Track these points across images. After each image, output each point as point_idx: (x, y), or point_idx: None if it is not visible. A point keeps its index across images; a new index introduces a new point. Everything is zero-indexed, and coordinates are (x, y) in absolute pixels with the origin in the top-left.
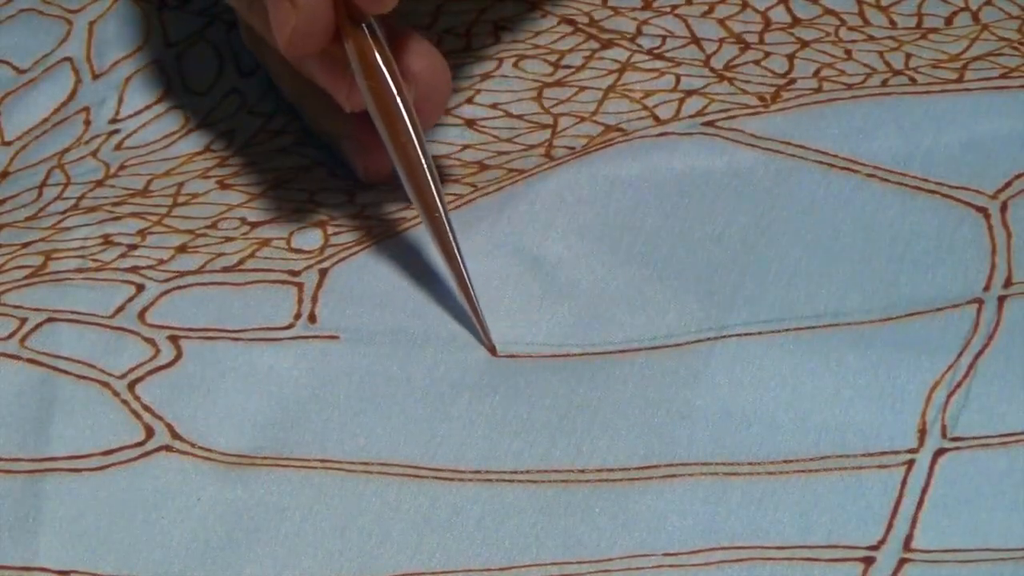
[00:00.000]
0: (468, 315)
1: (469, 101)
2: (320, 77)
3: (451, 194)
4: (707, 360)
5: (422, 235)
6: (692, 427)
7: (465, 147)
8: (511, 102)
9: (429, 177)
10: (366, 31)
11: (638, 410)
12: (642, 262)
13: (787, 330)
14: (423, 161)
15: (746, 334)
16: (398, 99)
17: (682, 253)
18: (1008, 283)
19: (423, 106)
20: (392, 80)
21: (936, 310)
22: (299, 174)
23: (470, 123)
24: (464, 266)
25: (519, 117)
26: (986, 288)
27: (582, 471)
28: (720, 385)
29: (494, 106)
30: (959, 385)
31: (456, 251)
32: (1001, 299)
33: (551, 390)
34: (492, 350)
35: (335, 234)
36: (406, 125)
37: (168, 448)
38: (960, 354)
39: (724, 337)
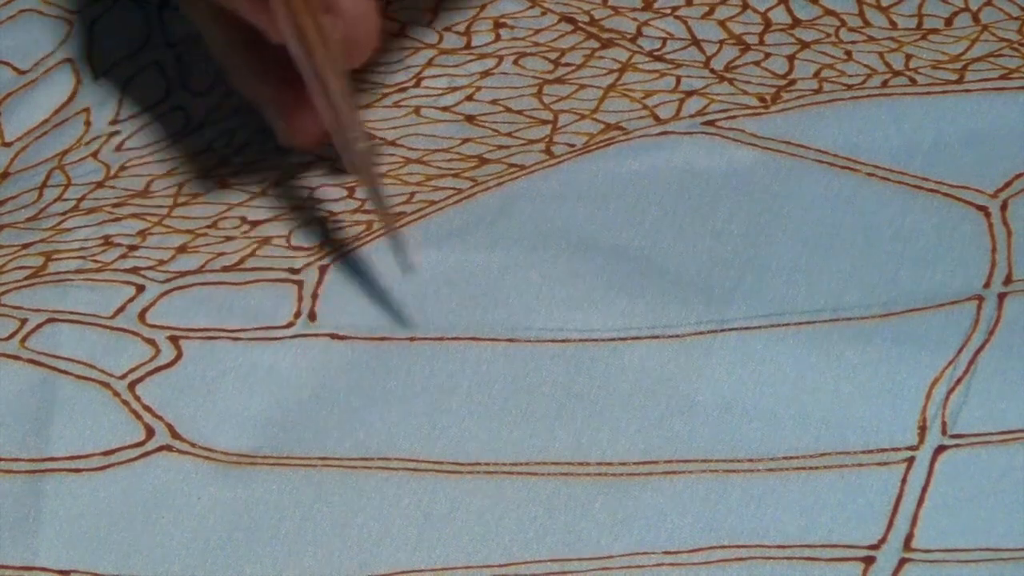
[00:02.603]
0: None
1: (469, 98)
2: (246, 10)
3: (451, 188)
4: (707, 353)
5: (421, 227)
6: (692, 422)
7: (465, 141)
8: (511, 98)
9: (345, 103)
10: None
11: (638, 402)
12: (642, 256)
13: (787, 324)
14: (341, 86)
15: (746, 328)
16: (313, 27)
17: (682, 249)
18: (1008, 280)
19: (349, 43)
20: (309, 8)
21: (936, 307)
22: (299, 171)
23: (469, 118)
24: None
25: (519, 113)
26: (986, 285)
27: (583, 464)
28: (720, 380)
29: (494, 102)
30: (959, 381)
31: (376, 175)
32: (1001, 296)
33: (550, 378)
34: (411, 267)
35: (335, 230)
36: (324, 53)
37: (168, 448)
38: (960, 350)
39: (725, 330)
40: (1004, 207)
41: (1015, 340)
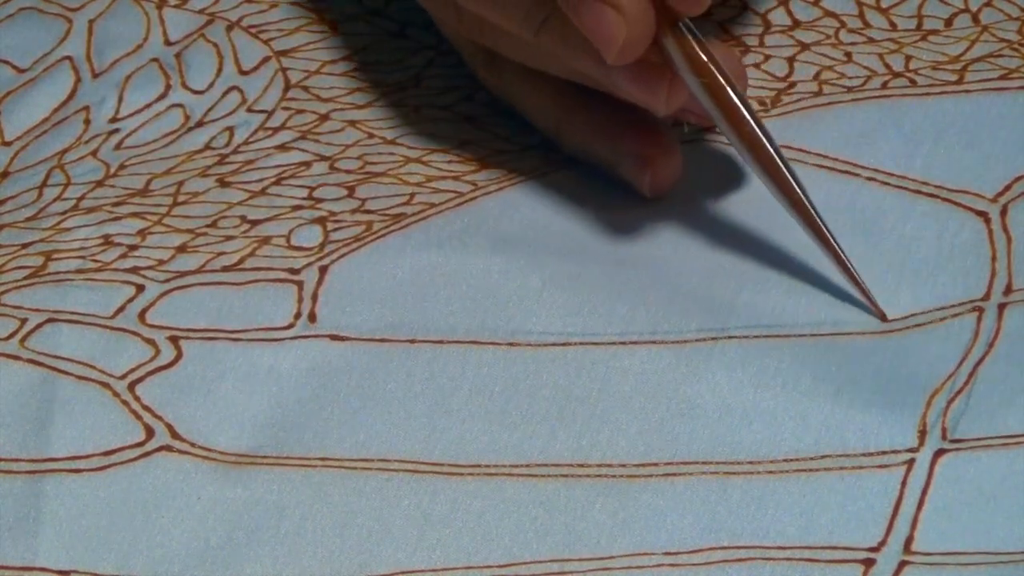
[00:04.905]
0: (848, 286)
1: (468, 99)
2: (631, 86)
3: (451, 191)
4: (708, 358)
5: (422, 229)
6: (692, 424)
7: (464, 143)
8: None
9: (781, 162)
10: (684, 30)
11: (638, 405)
12: (642, 264)
13: (787, 336)
14: (771, 147)
15: (746, 337)
16: (732, 92)
17: (683, 257)
18: (1008, 290)
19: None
20: (720, 74)
21: (937, 321)
22: (299, 170)
23: (469, 119)
24: (833, 237)
25: (519, 116)
26: (986, 296)
27: (583, 465)
28: (720, 383)
29: (493, 103)
30: (959, 392)
31: (824, 226)
32: (1001, 307)
33: (551, 381)
34: (882, 316)
35: (335, 230)
36: (748, 117)
37: (168, 448)
38: (960, 363)
39: (725, 339)
40: (1004, 212)
41: (1015, 351)
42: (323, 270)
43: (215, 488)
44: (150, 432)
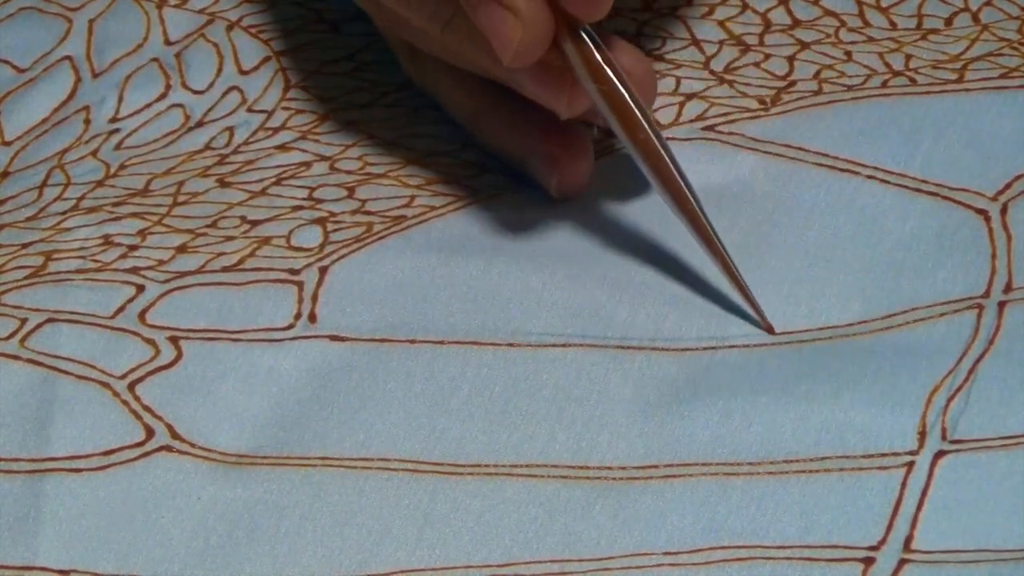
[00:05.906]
0: (737, 298)
1: None
2: (533, 88)
3: (452, 195)
4: (708, 362)
5: (422, 231)
6: (692, 426)
7: (465, 145)
8: None
9: (675, 171)
10: (584, 36)
11: (638, 408)
12: (643, 268)
13: (788, 344)
14: (666, 155)
15: (746, 345)
16: (630, 99)
17: (684, 260)
18: (1008, 288)
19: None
20: (619, 81)
21: (937, 316)
22: (299, 171)
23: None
24: (724, 248)
25: None
26: (986, 293)
27: (583, 467)
28: (721, 386)
29: None
30: (959, 389)
31: (715, 236)
32: (1001, 304)
33: (551, 381)
34: (769, 329)
35: (335, 231)
36: (644, 124)
37: (168, 448)
38: (960, 359)
39: (725, 347)
40: (1004, 211)
41: (1015, 349)
42: (323, 271)
43: (215, 488)
44: (150, 432)
